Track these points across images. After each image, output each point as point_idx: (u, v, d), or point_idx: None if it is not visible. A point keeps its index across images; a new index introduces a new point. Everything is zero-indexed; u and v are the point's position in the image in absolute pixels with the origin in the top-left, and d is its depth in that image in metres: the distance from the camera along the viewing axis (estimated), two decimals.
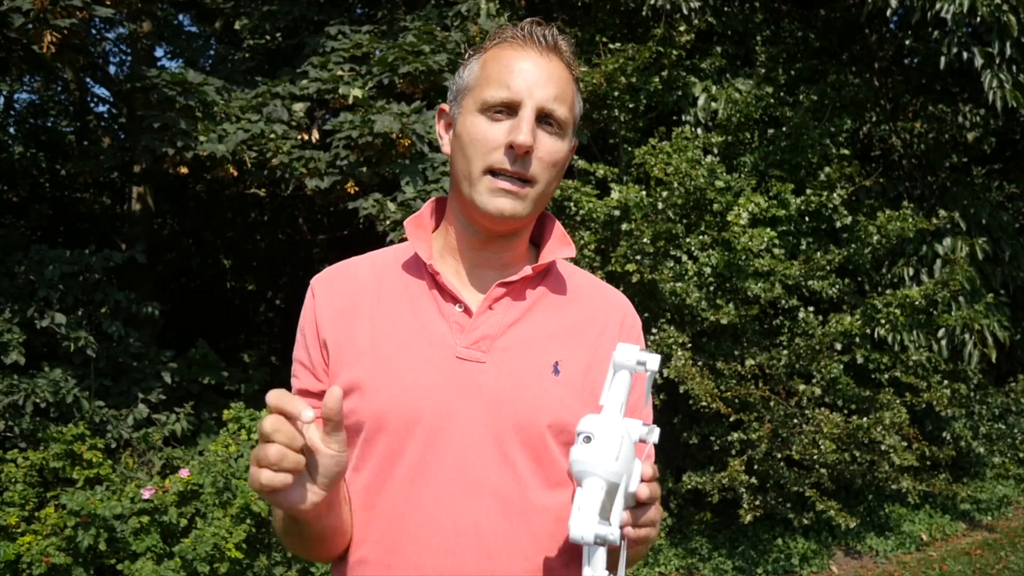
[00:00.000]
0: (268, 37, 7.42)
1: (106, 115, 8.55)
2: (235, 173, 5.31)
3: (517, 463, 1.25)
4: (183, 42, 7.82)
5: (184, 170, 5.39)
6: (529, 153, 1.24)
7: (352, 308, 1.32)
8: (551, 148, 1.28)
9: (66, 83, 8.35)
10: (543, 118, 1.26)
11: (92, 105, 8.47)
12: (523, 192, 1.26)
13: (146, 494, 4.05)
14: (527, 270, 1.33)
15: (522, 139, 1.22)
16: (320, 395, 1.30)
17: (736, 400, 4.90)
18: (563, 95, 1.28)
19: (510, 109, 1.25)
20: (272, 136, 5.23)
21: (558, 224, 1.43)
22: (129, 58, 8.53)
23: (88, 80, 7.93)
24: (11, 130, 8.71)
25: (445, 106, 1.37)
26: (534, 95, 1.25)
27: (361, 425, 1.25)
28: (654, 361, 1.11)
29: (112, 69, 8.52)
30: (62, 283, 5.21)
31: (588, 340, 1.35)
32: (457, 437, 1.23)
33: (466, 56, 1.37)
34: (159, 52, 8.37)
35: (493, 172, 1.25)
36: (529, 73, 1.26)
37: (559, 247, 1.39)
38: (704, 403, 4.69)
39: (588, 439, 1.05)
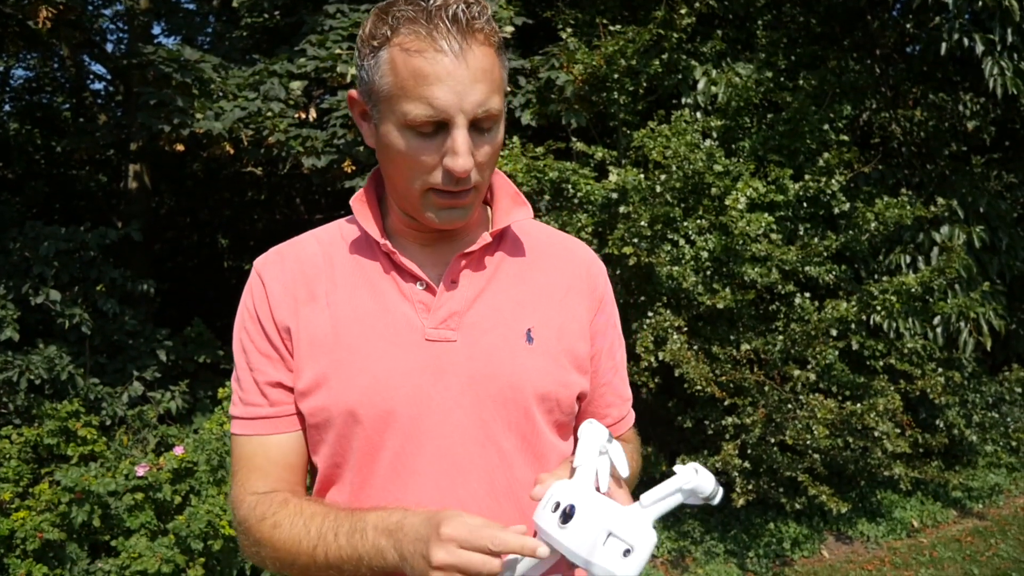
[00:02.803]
0: (266, 15, 7.37)
1: (103, 92, 8.52)
2: (232, 151, 5.30)
3: (501, 442, 1.20)
4: (181, 19, 7.78)
5: (180, 147, 5.37)
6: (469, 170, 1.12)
7: (308, 295, 1.23)
8: (490, 147, 1.15)
9: (62, 60, 8.30)
10: (477, 122, 1.11)
11: (88, 82, 8.43)
12: (468, 200, 1.17)
13: (140, 471, 4.05)
14: (486, 237, 1.24)
15: (462, 166, 1.10)
16: (291, 389, 1.23)
17: (731, 385, 4.91)
18: (493, 85, 1.11)
19: (438, 124, 1.10)
20: (269, 114, 5.21)
21: (508, 181, 1.33)
22: (126, 35, 8.48)
23: (85, 57, 7.88)
24: (7, 107, 8.67)
25: (355, 95, 1.20)
26: (464, 107, 1.08)
27: (332, 421, 1.18)
28: (617, 453, 1.12)
29: (109, 46, 8.47)
30: (57, 260, 5.20)
31: (556, 300, 1.29)
32: (436, 423, 1.18)
33: (362, 37, 1.15)
34: (156, 29, 8.33)
35: (434, 190, 1.14)
36: (451, 80, 1.07)
37: (513, 208, 1.29)
38: (699, 387, 4.70)
39: (628, 552, 1.01)
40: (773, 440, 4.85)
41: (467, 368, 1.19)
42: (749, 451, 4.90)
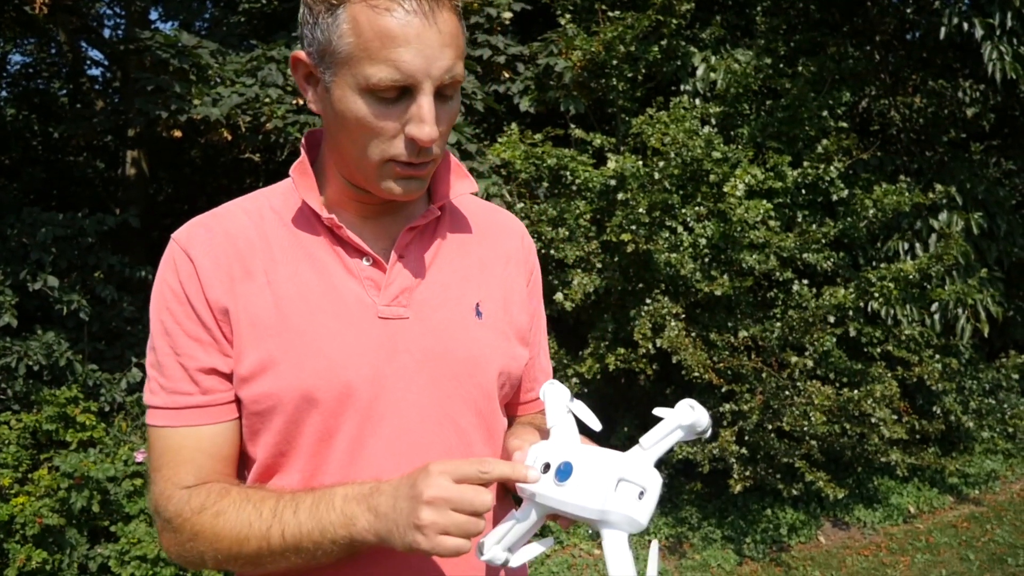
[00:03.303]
0: (264, 0, 7.33)
1: (100, 78, 8.49)
2: (229, 137, 5.28)
3: (458, 419, 1.18)
4: (178, 4, 7.72)
5: (178, 133, 5.35)
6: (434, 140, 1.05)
7: (244, 272, 1.13)
8: (450, 116, 1.09)
9: (59, 45, 8.26)
10: (441, 89, 1.05)
11: (86, 67, 8.39)
12: (428, 172, 1.11)
13: (139, 457, 4.06)
14: (434, 211, 1.19)
15: (428, 135, 1.03)
16: (230, 376, 1.13)
17: (728, 371, 4.92)
18: (458, 50, 1.04)
19: (402, 89, 1.02)
20: (267, 100, 5.18)
21: (448, 152, 1.25)
22: (123, 20, 8.44)
23: (82, 42, 7.84)
24: (4, 92, 8.64)
25: (302, 56, 1.09)
26: (431, 72, 1.01)
27: (282, 406, 1.10)
28: (581, 409, 1.10)
29: (106, 32, 8.44)
30: (55, 246, 5.18)
31: (498, 273, 1.27)
32: (392, 404, 1.13)
33: None
34: (154, 14, 8.28)
35: (394, 160, 1.07)
36: (420, 43, 1.00)
37: (458, 181, 1.24)
38: (697, 374, 4.71)
39: (641, 494, 0.98)
40: (770, 426, 4.86)
41: (421, 345, 1.15)
42: (746, 437, 4.91)
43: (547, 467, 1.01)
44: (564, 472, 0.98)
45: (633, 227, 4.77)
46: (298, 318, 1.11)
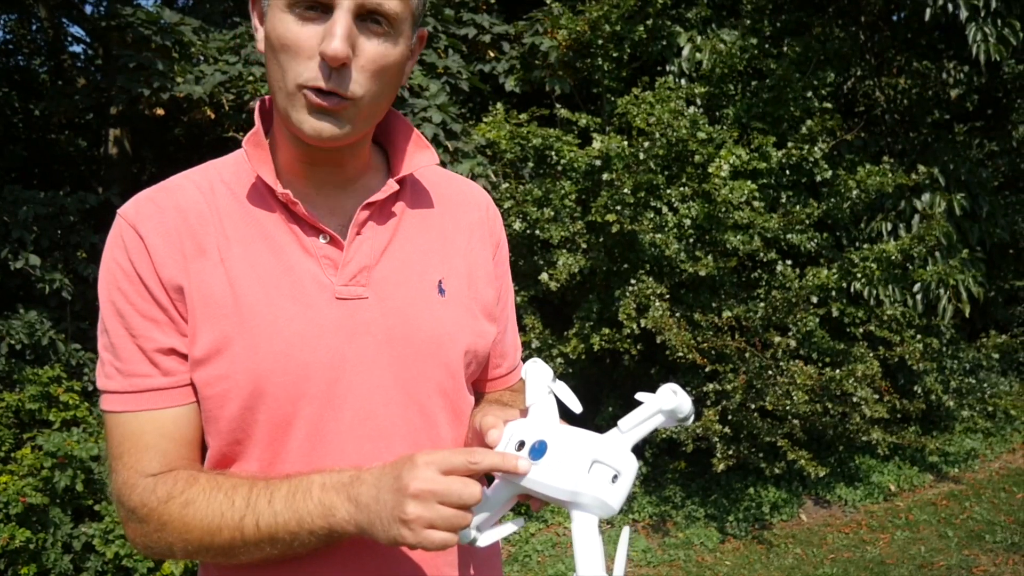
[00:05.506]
0: None
1: (81, 55, 8.39)
2: (212, 115, 5.25)
3: (423, 401, 1.14)
4: None
5: (161, 112, 5.31)
6: (347, 65, 0.99)
7: (196, 249, 1.07)
8: (376, 54, 1.01)
9: (40, 21, 8.15)
10: (367, 15, 0.99)
11: (67, 44, 8.29)
12: (342, 109, 1.01)
13: None
14: (392, 184, 1.14)
15: (333, 49, 0.96)
16: (186, 356, 1.07)
17: (712, 351, 4.95)
18: None
19: (324, 6, 0.98)
20: (250, 79, 5.14)
21: (408, 123, 1.20)
22: None
23: (63, 19, 7.74)
24: None
25: None
26: None
27: (236, 391, 1.05)
28: (564, 392, 1.06)
29: (88, 8, 8.33)
30: (36, 225, 5.14)
31: (461, 247, 1.22)
32: (354, 387, 1.08)
33: None
34: None
35: (307, 88, 1.00)
36: None
37: (417, 153, 1.18)
38: (681, 354, 4.73)
39: (615, 478, 0.95)
40: (753, 406, 4.90)
41: (382, 326, 1.10)
42: (730, 417, 4.95)
43: (521, 445, 0.99)
44: (538, 451, 0.96)
45: (618, 207, 4.78)
46: (252, 299, 1.06)
